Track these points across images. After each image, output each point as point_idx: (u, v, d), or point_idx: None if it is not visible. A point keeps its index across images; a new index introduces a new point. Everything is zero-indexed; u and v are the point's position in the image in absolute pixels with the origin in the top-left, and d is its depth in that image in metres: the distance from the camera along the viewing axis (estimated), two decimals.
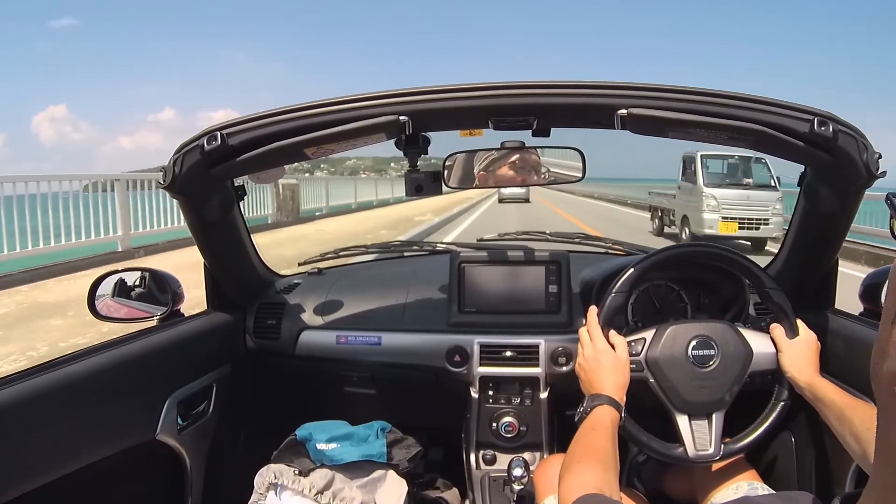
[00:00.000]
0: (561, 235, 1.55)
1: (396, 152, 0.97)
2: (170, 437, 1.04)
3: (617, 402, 0.87)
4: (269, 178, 1.07)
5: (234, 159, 0.88)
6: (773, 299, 0.98)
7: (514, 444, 1.25)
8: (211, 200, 1.03)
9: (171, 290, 1.16)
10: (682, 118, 0.79)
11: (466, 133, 1.02)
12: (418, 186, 1.04)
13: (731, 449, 0.97)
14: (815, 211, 0.98)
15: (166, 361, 1.05)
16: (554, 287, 1.24)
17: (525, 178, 1.11)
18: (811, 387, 0.90)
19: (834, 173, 0.87)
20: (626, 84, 0.82)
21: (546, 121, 0.93)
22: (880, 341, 0.35)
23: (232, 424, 1.24)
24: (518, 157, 1.09)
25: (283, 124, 0.85)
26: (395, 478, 1.13)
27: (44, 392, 0.80)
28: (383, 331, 1.27)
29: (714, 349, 0.96)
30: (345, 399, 1.39)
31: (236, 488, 1.13)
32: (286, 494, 1.07)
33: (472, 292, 1.26)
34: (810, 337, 0.97)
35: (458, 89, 0.84)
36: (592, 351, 0.94)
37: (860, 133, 0.81)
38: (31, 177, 6.15)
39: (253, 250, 1.28)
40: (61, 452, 0.82)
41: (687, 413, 0.95)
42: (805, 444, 1.08)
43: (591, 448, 0.77)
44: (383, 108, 0.84)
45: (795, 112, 0.79)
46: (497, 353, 1.22)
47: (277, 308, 1.32)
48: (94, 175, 7.26)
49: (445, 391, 1.29)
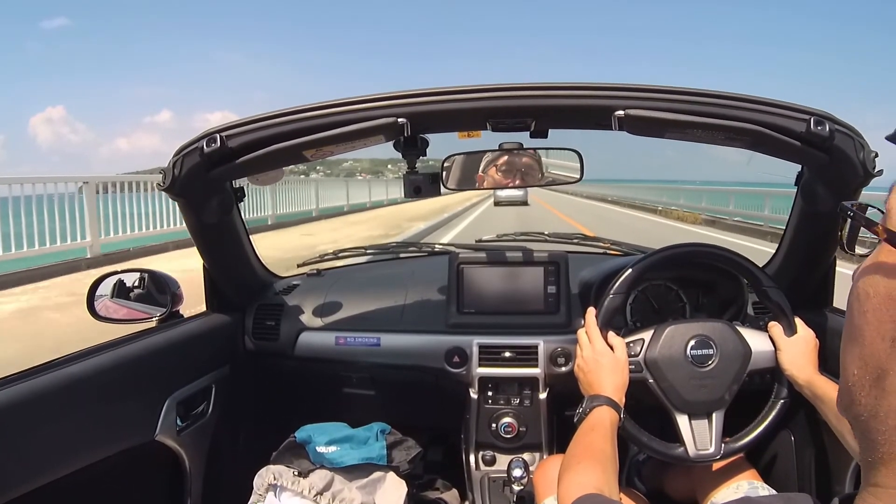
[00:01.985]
0: (559, 236, 1.55)
1: (394, 154, 0.98)
2: (169, 438, 1.04)
3: (616, 403, 0.87)
4: (268, 181, 1.07)
5: (234, 161, 0.88)
6: (770, 298, 0.98)
7: (514, 444, 1.25)
8: (210, 202, 1.03)
9: (169, 291, 1.16)
10: (680, 119, 0.79)
11: (465, 135, 1.03)
12: (417, 188, 1.04)
13: (731, 448, 0.97)
14: (812, 210, 0.98)
15: (165, 362, 1.05)
16: (552, 288, 1.25)
17: (523, 179, 1.11)
18: (810, 384, 0.91)
19: (831, 172, 0.87)
20: (623, 85, 0.82)
21: (544, 122, 0.93)
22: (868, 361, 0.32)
23: (231, 425, 1.24)
24: (516, 159, 1.10)
25: (282, 126, 0.85)
26: (394, 479, 1.13)
27: (43, 393, 0.80)
28: (382, 332, 1.27)
29: (713, 348, 0.96)
30: (344, 400, 1.39)
31: (235, 489, 1.13)
32: (285, 495, 1.07)
33: (471, 293, 1.26)
34: (809, 335, 0.97)
35: (456, 91, 0.85)
36: (591, 352, 0.94)
37: (856, 132, 0.81)
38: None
39: (252, 252, 1.28)
40: (61, 453, 0.82)
41: (687, 413, 0.96)
42: (804, 443, 1.09)
43: (591, 449, 0.77)
44: (382, 110, 0.84)
45: (792, 112, 0.80)
46: (496, 354, 1.22)
47: (276, 309, 1.32)
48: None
49: (444, 392, 1.29)
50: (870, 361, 0.33)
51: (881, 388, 0.33)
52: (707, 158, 37.15)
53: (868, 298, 0.34)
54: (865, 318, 0.34)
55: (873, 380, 0.33)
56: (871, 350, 0.33)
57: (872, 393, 0.34)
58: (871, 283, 0.33)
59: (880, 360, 0.33)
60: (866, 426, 0.35)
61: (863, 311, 0.34)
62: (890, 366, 0.32)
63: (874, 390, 0.33)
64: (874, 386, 0.33)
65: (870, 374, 0.33)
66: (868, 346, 0.34)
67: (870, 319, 0.33)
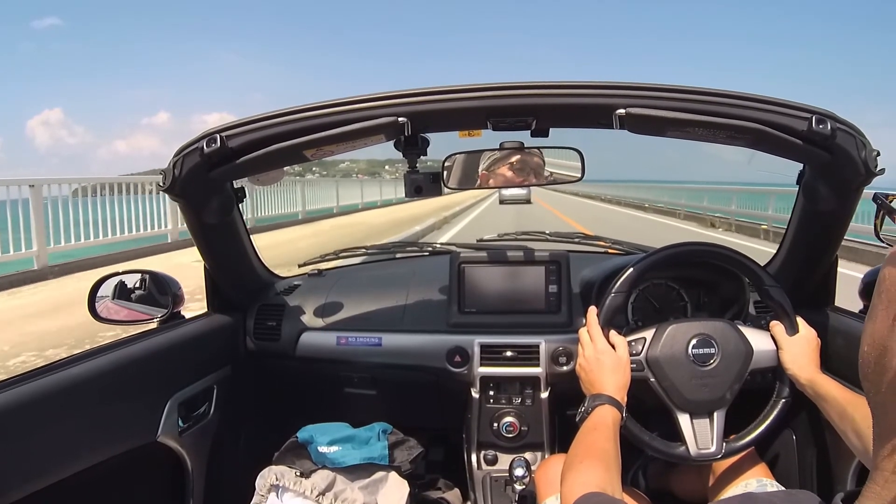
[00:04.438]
0: (560, 235, 1.55)
1: (392, 155, 0.97)
2: (171, 439, 1.04)
3: (618, 402, 0.87)
4: (268, 181, 1.07)
5: (234, 161, 0.88)
6: (772, 296, 0.98)
7: (516, 444, 1.25)
8: (210, 203, 1.03)
9: (171, 292, 1.16)
10: (681, 117, 0.79)
11: (465, 134, 1.02)
12: (418, 187, 1.04)
13: (732, 447, 0.97)
14: (814, 209, 0.98)
15: (167, 363, 1.05)
16: (554, 287, 1.24)
17: (524, 178, 1.11)
18: (812, 383, 0.90)
19: (832, 171, 0.87)
20: (625, 84, 0.82)
21: (545, 121, 0.93)
22: (877, 338, 0.35)
23: (233, 426, 1.24)
24: (517, 158, 1.09)
25: (283, 126, 0.85)
26: (396, 479, 1.13)
27: (45, 394, 0.80)
28: (383, 332, 1.27)
29: (714, 347, 0.96)
30: (345, 400, 1.39)
31: (237, 490, 1.13)
32: (288, 496, 1.07)
33: (472, 293, 1.26)
34: (810, 333, 0.97)
35: (456, 90, 0.84)
36: (593, 351, 0.94)
37: (858, 131, 0.81)
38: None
39: (253, 252, 1.28)
40: (63, 454, 0.82)
41: (688, 412, 0.95)
42: (806, 441, 1.08)
43: (593, 448, 0.77)
44: (382, 109, 0.84)
45: (793, 110, 0.79)
46: (497, 354, 1.22)
47: (277, 310, 1.32)
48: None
49: (446, 392, 1.29)
50: (877, 339, 0.36)
51: (882, 364, 0.36)
52: (707, 157, 37.13)
53: (884, 280, 0.37)
54: (880, 297, 0.37)
55: (877, 356, 0.36)
56: (880, 327, 0.36)
57: (876, 369, 0.36)
58: (891, 266, 0.36)
59: (884, 338, 0.36)
60: (872, 402, 0.37)
61: (879, 291, 0.37)
62: (890, 344, 0.35)
63: (878, 367, 0.36)
64: (877, 363, 0.36)
65: (875, 351, 0.36)
66: (878, 324, 0.36)
67: (883, 299, 0.36)
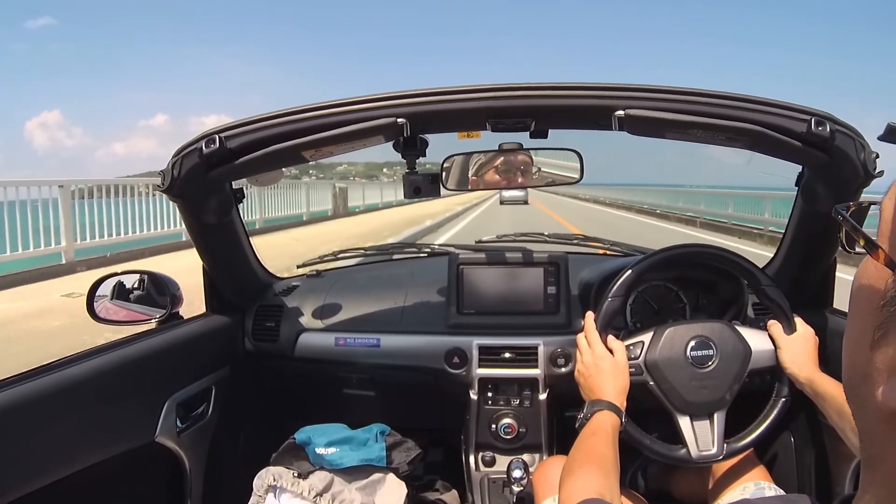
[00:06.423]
0: (559, 237, 1.55)
1: (390, 157, 0.98)
2: (169, 440, 1.04)
3: (617, 408, 0.87)
4: (267, 181, 1.07)
5: (233, 162, 0.88)
6: (769, 296, 0.98)
7: (514, 445, 1.24)
8: (209, 203, 1.03)
9: (169, 292, 1.16)
10: (680, 119, 0.79)
11: (464, 135, 1.02)
12: (416, 188, 1.04)
13: (733, 448, 0.97)
14: (812, 211, 0.98)
15: (165, 364, 1.05)
16: (552, 288, 1.24)
17: (523, 179, 1.11)
18: (811, 382, 0.90)
19: (831, 173, 0.87)
20: (624, 85, 0.82)
21: (544, 122, 0.93)
22: (856, 365, 0.34)
23: (231, 427, 1.24)
24: (516, 159, 1.10)
25: (281, 127, 0.85)
26: (394, 480, 1.13)
27: (43, 394, 0.80)
28: (382, 333, 1.27)
29: (713, 349, 0.96)
30: (344, 401, 1.39)
31: (235, 490, 1.13)
32: (285, 497, 1.07)
33: (471, 294, 1.26)
34: (808, 332, 0.97)
35: (455, 91, 0.84)
36: (591, 357, 0.94)
37: (857, 133, 0.81)
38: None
39: (252, 253, 1.28)
40: (61, 455, 0.82)
41: (688, 414, 0.95)
42: (804, 444, 1.08)
43: (592, 454, 0.77)
44: (381, 110, 0.84)
45: (792, 112, 0.80)
46: (496, 355, 1.21)
47: (276, 310, 1.32)
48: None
49: (444, 393, 1.29)
50: (857, 365, 0.35)
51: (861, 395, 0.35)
52: (704, 159, 37.22)
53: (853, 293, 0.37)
54: (851, 315, 0.36)
55: (858, 382, 0.35)
56: (855, 350, 0.35)
57: (857, 400, 0.35)
58: (856, 279, 0.36)
59: (863, 366, 0.35)
60: (858, 426, 0.37)
61: (850, 307, 0.37)
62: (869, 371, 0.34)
63: (857, 398, 0.35)
64: (857, 393, 0.35)
65: (857, 376, 0.35)
66: (852, 346, 0.35)
67: (850, 308, 0.36)
